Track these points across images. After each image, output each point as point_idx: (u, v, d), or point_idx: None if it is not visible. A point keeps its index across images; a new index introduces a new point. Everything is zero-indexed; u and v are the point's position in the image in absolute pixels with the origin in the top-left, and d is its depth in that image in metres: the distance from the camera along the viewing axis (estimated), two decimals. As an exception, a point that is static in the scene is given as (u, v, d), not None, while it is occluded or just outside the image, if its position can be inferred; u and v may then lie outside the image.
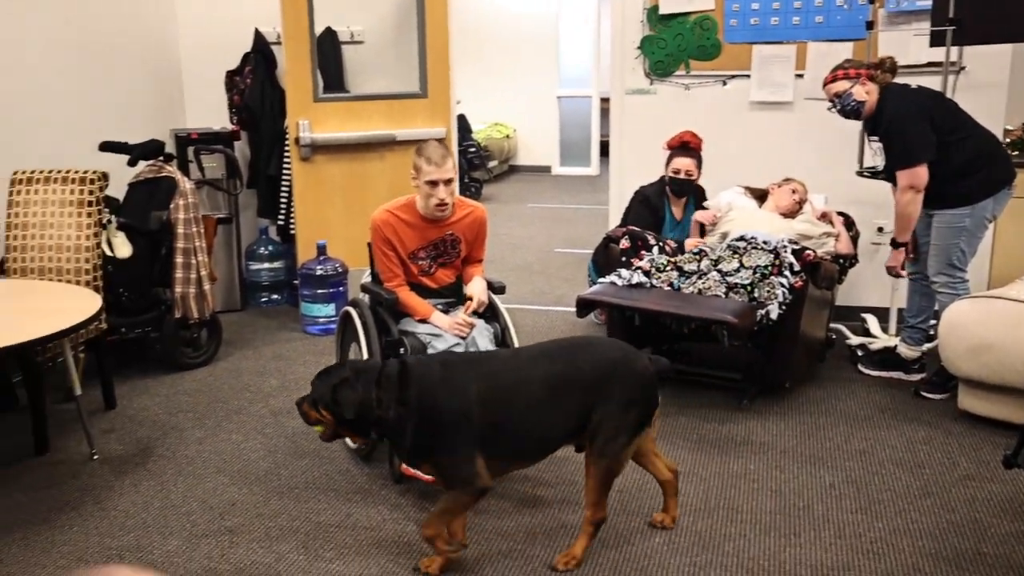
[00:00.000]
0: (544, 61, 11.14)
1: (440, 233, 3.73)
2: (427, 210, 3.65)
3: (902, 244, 4.41)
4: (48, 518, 3.42)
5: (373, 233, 3.70)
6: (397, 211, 3.68)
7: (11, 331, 3.44)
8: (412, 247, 3.70)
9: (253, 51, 5.76)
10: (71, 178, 4.33)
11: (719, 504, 3.45)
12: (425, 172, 3.54)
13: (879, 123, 4.33)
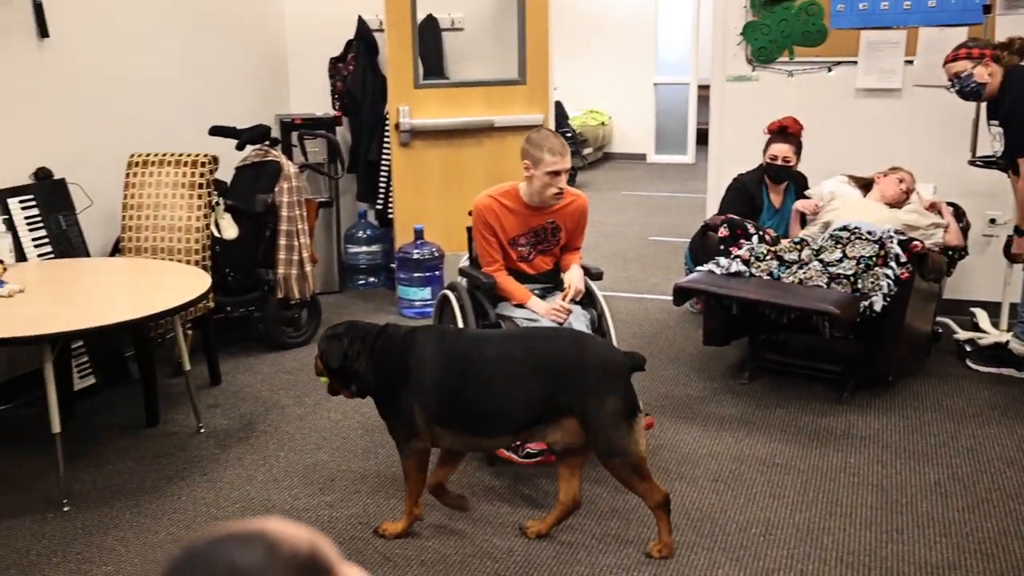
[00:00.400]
0: (641, 48, 11.04)
1: (542, 221, 3.75)
2: (540, 198, 3.66)
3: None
4: (158, 487, 3.57)
5: (475, 218, 3.73)
6: (500, 197, 3.71)
7: (128, 306, 3.61)
8: (513, 233, 3.73)
9: (356, 38, 5.87)
10: (184, 161, 4.48)
11: (817, 497, 3.40)
12: (548, 163, 3.55)
13: (1001, 107, 4.19)
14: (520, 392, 2.93)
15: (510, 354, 3.00)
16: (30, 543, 3.17)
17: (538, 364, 2.93)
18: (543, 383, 2.90)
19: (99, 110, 4.78)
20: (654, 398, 4.28)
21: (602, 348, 3.08)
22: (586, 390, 2.88)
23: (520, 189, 3.71)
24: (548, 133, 3.67)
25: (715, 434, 3.93)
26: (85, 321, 3.41)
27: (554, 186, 3.59)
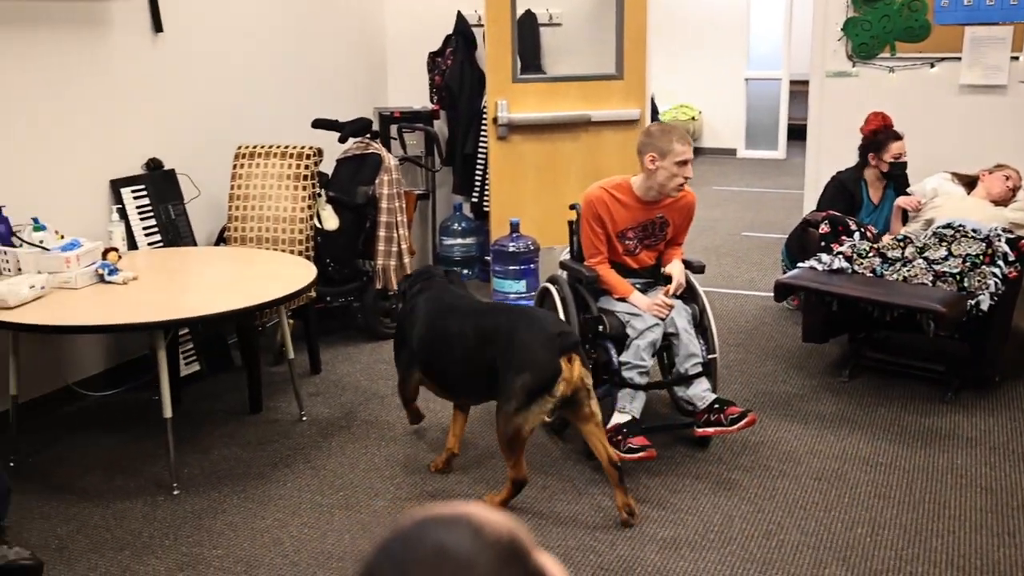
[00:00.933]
0: (733, 42, 10.92)
1: (651, 215, 3.76)
2: (661, 190, 3.67)
3: None
4: (263, 473, 3.67)
5: (585, 208, 3.75)
6: (612, 190, 3.73)
7: (239, 295, 3.70)
8: (622, 226, 3.74)
9: (454, 33, 5.94)
10: (289, 153, 4.59)
11: (924, 498, 3.35)
12: (677, 152, 3.58)
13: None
14: (470, 365, 3.31)
15: (463, 331, 3.35)
16: (142, 525, 3.29)
17: (483, 337, 3.26)
18: (487, 355, 3.22)
19: (207, 103, 4.92)
20: (753, 395, 4.26)
21: (537, 324, 3.22)
22: (507, 361, 3.13)
23: (633, 183, 3.72)
24: (669, 125, 3.69)
25: (816, 432, 3.90)
26: (198, 309, 3.52)
27: (681, 176, 3.61)
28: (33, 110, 4.04)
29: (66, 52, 4.15)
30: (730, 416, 3.48)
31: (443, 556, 0.81)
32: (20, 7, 3.94)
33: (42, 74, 4.05)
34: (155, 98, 4.62)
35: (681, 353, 3.62)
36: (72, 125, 4.22)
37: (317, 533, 3.22)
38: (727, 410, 3.50)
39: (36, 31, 4.02)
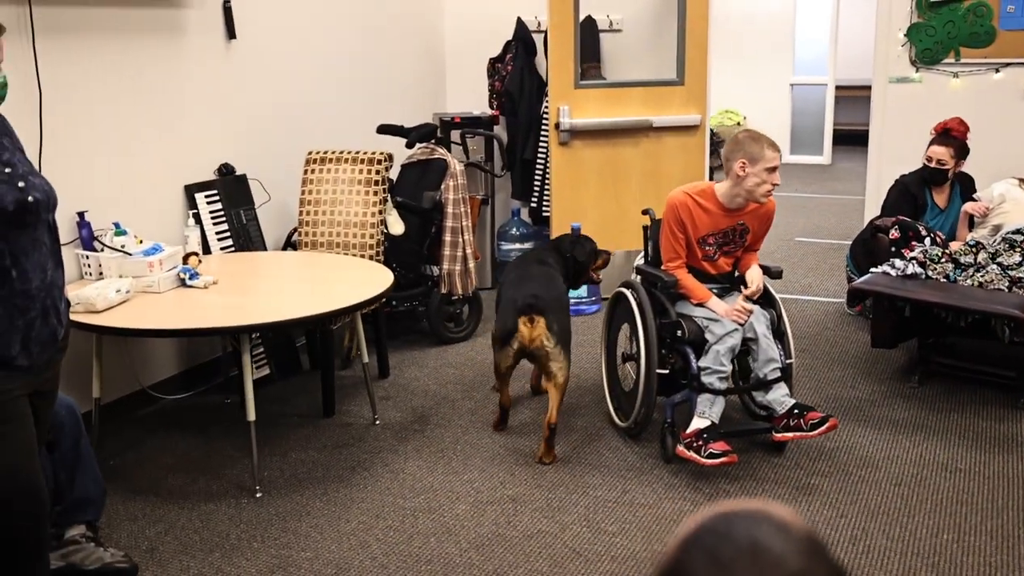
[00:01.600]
0: (779, 48, 10.93)
1: (733, 222, 3.78)
2: (748, 196, 3.69)
3: None
4: (343, 476, 3.72)
5: (667, 212, 3.78)
6: (696, 195, 3.75)
7: (318, 299, 3.74)
8: (703, 232, 3.77)
9: (514, 39, 6.00)
10: (360, 158, 4.65)
11: (1007, 504, 3.36)
12: (768, 158, 3.60)
13: None
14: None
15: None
16: (229, 527, 3.34)
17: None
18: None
19: (277, 109, 5.00)
20: (823, 399, 4.28)
21: (516, 289, 3.89)
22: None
23: (717, 190, 3.75)
24: (757, 132, 3.70)
25: (891, 437, 3.91)
26: (283, 313, 3.56)
27: (770, 182, 3.63)
28: (111, 116, 4.12)
29: (143, 59, 4.23)
30: (810, 421, 3.50)
31: (758, 551, 0.86)
32: (100, 15, 4.02)
33: (120, 81, 4.13)
34: (227, 104, 4.70)
35: (760, 358, 3.65)
36: (148, 131, 4.30)
37: (403, 536, 3.27)
38: (807, 415, 3.52)
39: (115, 39, 4.10)
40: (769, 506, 0.91)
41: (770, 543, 0.86)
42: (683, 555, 0.89)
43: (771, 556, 0.85)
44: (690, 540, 0.89)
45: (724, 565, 0.85)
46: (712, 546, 0.88)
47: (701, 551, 0.88)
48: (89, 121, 4.01)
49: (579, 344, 5.10)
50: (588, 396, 4.41)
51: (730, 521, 0.90)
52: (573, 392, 4.46)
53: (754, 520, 0.89)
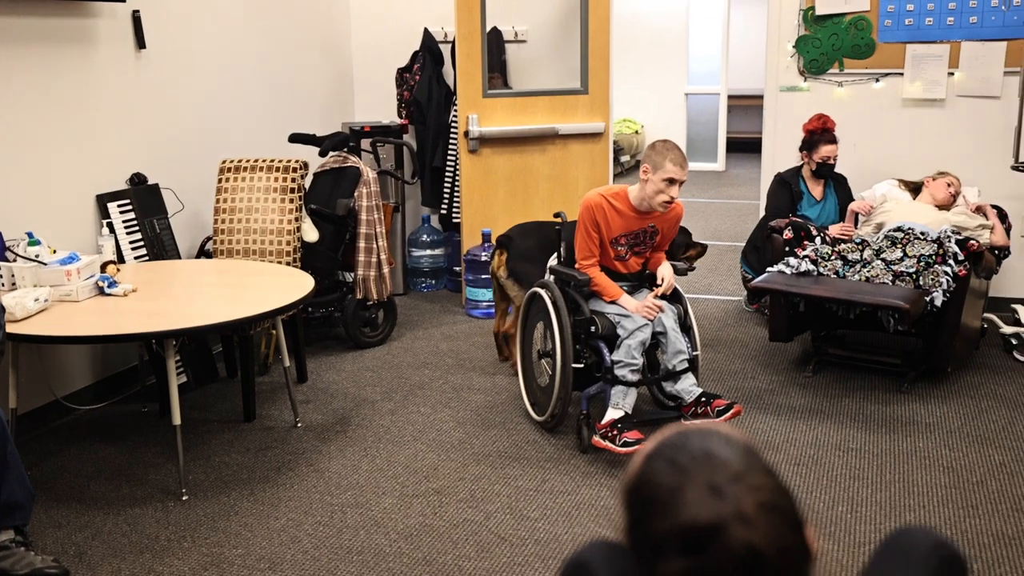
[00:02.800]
0: (673, 59, 11.36)
1: (644, 224, 3.98)
2: (650, 203, 3.88)
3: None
4: (268, 477, 3.79)
5: (583, 212, 3.94)
6: (610, 197, 3.94)
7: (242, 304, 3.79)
8: (616, 233, 3.96)
9: (421, 49, 6.14)
10: (275, 166, 4.73)
11: (894, 479, 3.65)
12: (668, 170, 3.77)
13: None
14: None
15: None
16: (158, 530, 3.38)
17: None
18: None
19: (188, 118, 5.03)
20: (727, 389, 4.53)
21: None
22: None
23: (630, 193, 3.94)
24: (674, 145, 3.87)
25: (789, 422, 4.18)
26: (206, 318, 3.59)
27: (666, 194, 3.81)
28: (21, 126, 4.10)
29: (53, 69, 4.23)
30: (716, 408, 3.73)
31: (709, 456, 1.05)
32: (7, 25, 4.02)
33: (29, 91, 4.12)
34: (138, 114, 4.72)
35: (669, 351, 3.86)
36: (59, 141, 4.29)
37: (332, 530, 3.36)
38: (713, 403, 3.75)
39: (24, 49, 4.09)
40: (715, 424, 1.09)
41: (718, 450, 1.06)
42: (647, 466, 1.07)
43: (719, 459, 1.05)
44: (653, 453, 1.07)
45: (682, 468, 1.04)
46: (671, 455, 1.06)
47: (662, 460, 1.06)
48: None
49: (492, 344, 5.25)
50: (505, 393, 4.57)
51: (685, 435, 1.09)
52: (491, 390, 4.62)
53: (705, 434, 1.09)
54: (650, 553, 1.03)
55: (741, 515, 1.01)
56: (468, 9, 5.52)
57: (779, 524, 1.02)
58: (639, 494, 1.06)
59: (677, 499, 1.02)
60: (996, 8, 5.36)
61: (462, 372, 4.88)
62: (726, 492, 1.02)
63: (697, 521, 1.00)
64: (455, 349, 5.25)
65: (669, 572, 1.00)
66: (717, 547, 0.99)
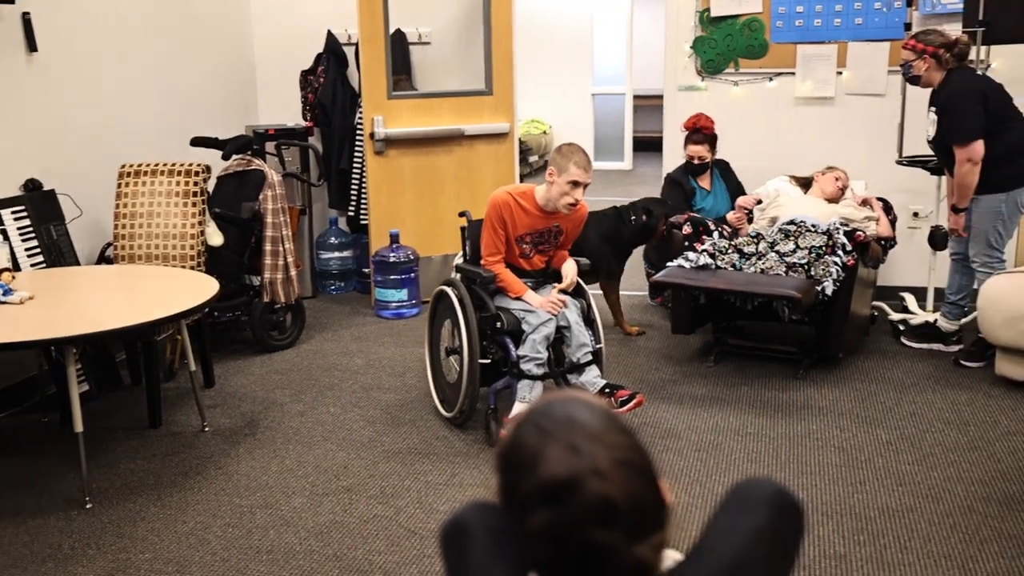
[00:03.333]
0: (579, 60, 11.55)
1: (549, 224, 4.07)
2: (554, 204, 3.96)
3: (962, 210, 4.72)
4: (175, 481, 3.77)
5: (491, 209, 4.01)
6: (517, 196, 4.02)
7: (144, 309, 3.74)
8: (521, 231, 4.04)
9: (325, 51, 6.14)
10: (176, 170, 4.69)
11: (789, 459, 3.80)
12: (572, 173, 3.87)
13: (938, 99, 4.67)
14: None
15: None
16: (61, 539, 3.33)
17: None
18: None
19: (84, 122, 4.95)
20: (632, 382, 4.65)
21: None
22: None
23: (537, 192, 4.03)
24: (579, 148, 3.97)
25: (691, 411, 4.32)
26: (108, 323, 3.56)
27: (571, 196, 3.90)
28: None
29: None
30: (620, 399, 3.84)
31: (572, 420, 1.15)
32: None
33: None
34: (31, 119, 4.63)
35: (573, 344, 3.96)
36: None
37: (242, 531, 3.37)
38: (617, 393, 3.86)
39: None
40: (580, 394, 1.18)
41: (579, 414, 1.16)
42: (517, 431, 1.17)
43: (580, 422, 1.14)
44: (521, 419, 1.17)
45: (546, 431, 1.13)
46: (537, 421, 1.16)
47: (530, 425, 1.15)
48: None
49: (402, 344, 5.31)
50: (415, 391, 4.61)
51: (550, 403, 1.19)
52: (400, 389, 4.66)
53: (568, 401, 1.18)
54: (519, 509, 1.12)
55: (596, 470, 1.10)
56: (371, 11, 5.55)
57: (633, 478, 1.12)
58: (508, 457, 1.15)
59: (540, 458, 1.11)
60: (879, 10, 5.61)
61: (372, 372, 4.91)
62: (583, 450, 1.11)
63: (556, 476, 1.09)
64: (364, 350, 5.27)
65: (534, 524, 1.09)
66: (575, 499, 1.09)
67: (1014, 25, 4.97)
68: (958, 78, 4.61)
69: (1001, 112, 4.58)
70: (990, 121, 4.53)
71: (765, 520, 1.18)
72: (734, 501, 1.21)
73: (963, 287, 4.97)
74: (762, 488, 1.21)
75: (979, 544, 3.16)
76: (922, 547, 3.15)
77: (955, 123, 4.57)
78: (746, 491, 1.21)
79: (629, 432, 1.18)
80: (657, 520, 1.15)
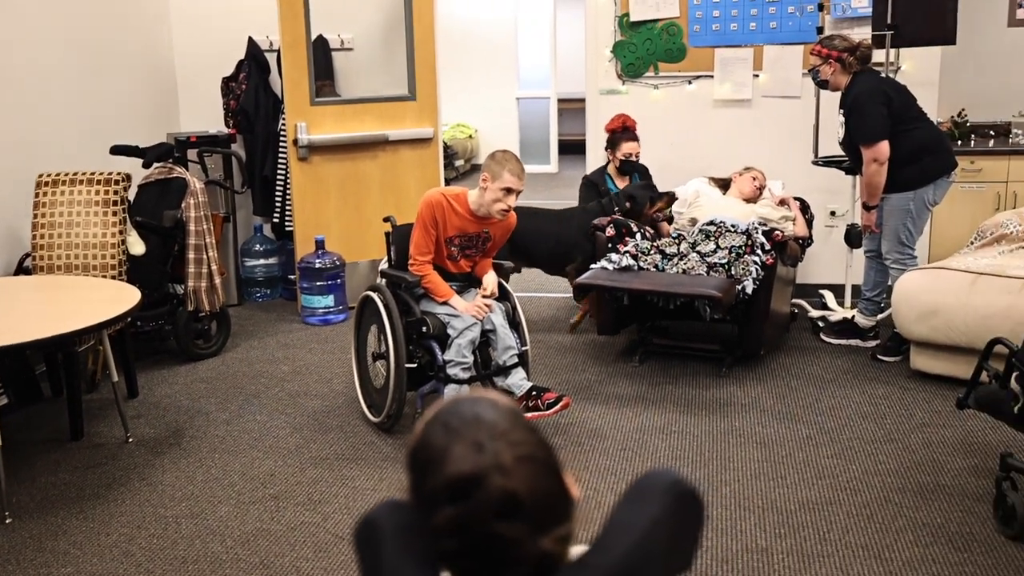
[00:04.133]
0: (503, 64, 11.61)
1: (478, 229, 4.10)
2: (487, 210, 3.99)
3: (873, 207, 4.87)
4: (99, 494, 3.71)
5: (423, 209, 4.02)
6: (451, 198, 4.04)
7: (64, 319, 3.71)
8: (451, 233, 4.06)
9: (247, 58, 6.09)
10: (96, 179, 4.62)
11: (712, 456, 3.89)
12: (505, 180, 3.90)
13: (846, 100, 4.82)
14: None
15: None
16: (-22, 554, 3.29)
17: None
18: None
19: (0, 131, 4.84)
20: (558, 383, 4.70)
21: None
22: None
23: (469, 196, 4.05)
24: (513, 156, 4.00)
25: (617, 410, 4.38)
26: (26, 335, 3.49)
27: (503, 203, 3.93)
28: None
29: None
30: (547, 401, 3.88)
31: (478, 419, 1.19)
32: None
33: None
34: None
35: (499, 347, 4.00)
36: None
37: (167, 542, 3.33)
38: (544, 396, 3.90)
39: None
40: (485, 392, 1.22)
41: (486, 413, 1.20)
42: (426, 430, 1.21)
43: (486, 421, 1.19)
44: (430, 419, 1.22)
45: (453, 429, 1.18)
46: (445, 420, 1.20)
47: (438, 424, 1.20)
48: None
49: (329, 350, 5.30)
50: (342, 397, 4.60)
51: (457, 402, 1.23)
52: (328, 395, 4.65)
53: (475, 400, 1.23)
54: (427, 506, 1.16)
55: (500, 466, 1.14)
56: (292, 18, 5.53)
57: (536, 473, 1.16)
58: (417, 456, 1.19)
59: (446, 456, 1.15)
60: (793, 14, 5.76)
61: (298, 379, 4.89)
62: (487, 447, 1.15)
63: (461, 473, 1.14)
64: (291, 357, 5.24)
65: (441, 520, 1.13)
66: (479, 494, 1.13)
67: (921, 28, 5.15)
68: (862, 81, 4.77)
69: (905, 113, 4.75)
70: (895, 122, 4.70)
71: (663, 510, 1.22)
72: (633, 493, 1.26)
73: (878, 284, 5.13)
74: (660, 479, 1.26)
75: (895, 534, 3.26)
76: (840, 538, 3.24)
77: (860, 124, 4.72)
78: (645, 483, 1.26)
79: (534, 429, 1.22)
80: (561, 513, 1.19)
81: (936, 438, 4.00)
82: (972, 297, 4.36)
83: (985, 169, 5.97)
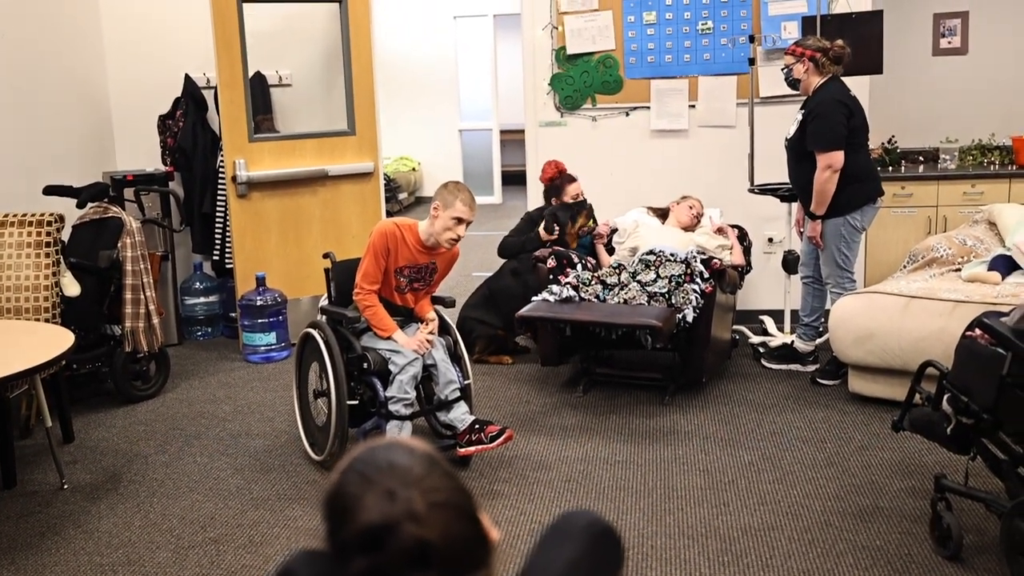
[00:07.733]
0: (446, 97, 11.67)
1: (427, 259, 4.10)
2: (437, 239, 4.00)
3: (819, 216, 4.93)
4: (31, 543, 3.62)
5: (376, 238, 4.00)
6: (403, 229, 4.04)
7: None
8: (401, 264, 4.05)
9: (184, 95, 6.04)
10: (27, 220, 4.54)
11: (656, 485, 3.90)
12: (457, 209, 3.92)
13: (810, 102, 4.89)
14: None
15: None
16: (-96, 612, 3.19)
17: None
18: None
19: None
20: (503, 415, 4.70)
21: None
22: None
23: (420, 228, 4.05)
24: (465, 187, 4.03)
25: (562, 442, 4.38)
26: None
27: (453, 232, 3.95)
28: None
29: None
30: (490, 434, 3.88)
31: (393, 466, 1.19)
32: None
33: None
34: None
35: (441, 381, 3.99)
36: None
37: (103, 592, 3.26)
38: (487, 429, 3.90)
39: None
40: (403, 440, 1.22)
41: (401, 460, 1.20)
42: (341, 478, 1.21)
43: (402, 468, 1.19)
44: (345, 468, 1.21)
45: (367, 477, 1.18)
46: (360, 468, 1.20)
47: (352, 472, 1.20)
48: None
49: (271, 388, 5.24)
50: (284, 436, 4.55)
51: (372, 450, 1.23)
52: (270, 434, 4.60)
53: (388, 447, 1.23)
54: (342, 555, 1.15)
55: (412, 514, 1.14)
56: (229, 55, 5.51)
57: (450, 519, 1.16)
58: (332, 504, 1.18)
59: (358, 505, 1.15)
60: (725, 46, 5.88)
61: (240, 419, 4.83)
62: (399, 495, 1.15)
63: (372, 522, 1.14)
64: (233, 396, 5.17)
65: (355, 570, 1.13)
66: (391, 544, 1.13)
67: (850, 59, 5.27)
68: (832, 87, 4.86)
69: (857, 134, 4.84)
70: (848, 136, 4.78)
71: (580, 550, 1.23)
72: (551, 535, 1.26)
73: (815, 309, 5.21)
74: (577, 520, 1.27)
75: (836, 557, 3.30)
76: (783, 564, 3.27)
77: (821, 129, 4.79)
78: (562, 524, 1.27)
79: (450, 475, 1.22)
80: (478, 559, 1.19)
81: (875, 460, 4.06)
82: (905, 320, 4.45)
83: (916, 194, 6.12)
